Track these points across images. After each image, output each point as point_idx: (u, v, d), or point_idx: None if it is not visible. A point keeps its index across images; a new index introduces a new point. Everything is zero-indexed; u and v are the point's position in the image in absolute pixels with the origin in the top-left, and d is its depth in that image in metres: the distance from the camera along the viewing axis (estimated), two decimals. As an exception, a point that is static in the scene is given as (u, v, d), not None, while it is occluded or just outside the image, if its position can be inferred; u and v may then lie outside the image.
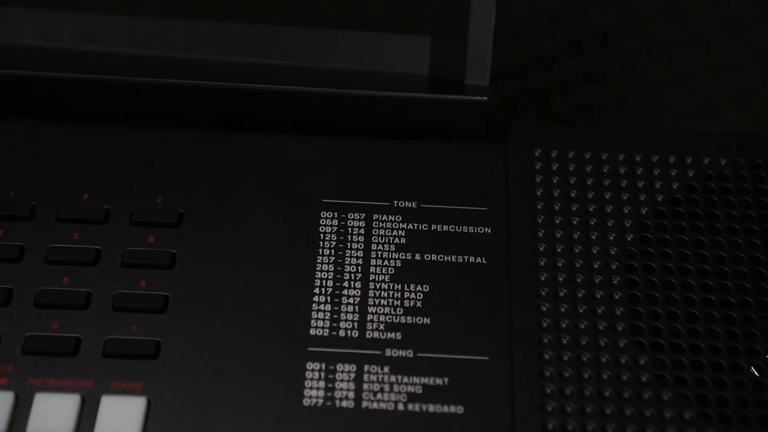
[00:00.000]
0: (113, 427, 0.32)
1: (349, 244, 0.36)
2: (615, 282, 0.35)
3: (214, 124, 0.38)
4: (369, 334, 0.34)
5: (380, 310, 0.34)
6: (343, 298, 0.34)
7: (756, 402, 0.32)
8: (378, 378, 0.33)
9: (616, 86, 0.53)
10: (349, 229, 0.36)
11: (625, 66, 0.53)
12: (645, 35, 0.52)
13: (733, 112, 0.52)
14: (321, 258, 0.35)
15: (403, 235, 0.36)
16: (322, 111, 0.38)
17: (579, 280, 0.35)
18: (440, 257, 0.35)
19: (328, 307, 0.34)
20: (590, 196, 0.37)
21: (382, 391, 0.33)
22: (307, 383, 0.33)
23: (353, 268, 0.35)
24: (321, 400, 0.32)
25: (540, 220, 0.36)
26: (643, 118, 0.53)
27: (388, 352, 0.33)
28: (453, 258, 0.35)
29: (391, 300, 0.35)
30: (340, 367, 0.33)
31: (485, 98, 0.37)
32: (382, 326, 0.34)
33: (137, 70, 0.37)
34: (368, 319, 0.34)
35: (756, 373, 0.33)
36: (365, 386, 0.33)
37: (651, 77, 0.52)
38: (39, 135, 0.38)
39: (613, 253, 0.35)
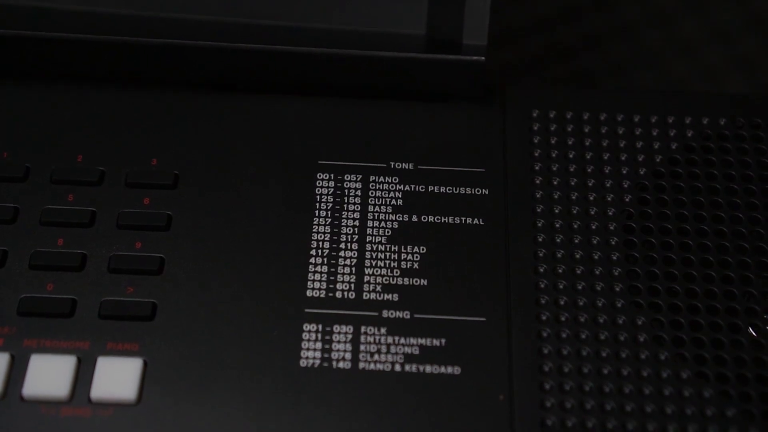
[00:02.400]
0: (110, 388, 0.32)
1: (345, 205, 0.36)
2: (613, 243, 0.35)
3: (210, 85, 0.38)
4: (366, 295, 0.34)
5: (377, 271, 0.34)
6: (340, 260, 0.34)
7: (754, 361, 0.32)
8: (375, 339, 0.33)
9: (615, 52, 0.52)
10: (346, 190, 0.36)
11: (623, 31, 0.52)
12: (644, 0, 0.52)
13: (732, 77, 0.52)
14: (317, 219, 0.35)
15: (400, 196, 0.36)
16: (318, 71, 0.37)
17: (576, 241, 0.35)
18: (437, 218, 0.35)
19: (325, 268, 0.34)
20: (588, 156, 0.36)
21: (379, 352, 0.33)
22: (304, 344, 0.33)
23: (350, 230, 0.35)
24: (318, 361, 0.32)
25: (538, 181, 0.36)
26: (642, 83, 0.52)
27: (385, 314, 0.33)
28: (450, 219, 0.35)
29: (388, 261, 0.34)
30: (336, 328, 0.33)
31: (483, 58, 0.37)
32: (379, 288, 0.34)
33: (132, 30, 0.37)
34: (365, 280, 0.34)
35: (753, 332, 0.33)
36: (362, 347, 0.33)
37: (650, 42, 0.52)
38: (33, 96, 0.37)
39: (611, 214, 0.35)
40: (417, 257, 0.34)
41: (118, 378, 0.32)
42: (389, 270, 0.34)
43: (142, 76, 0.38)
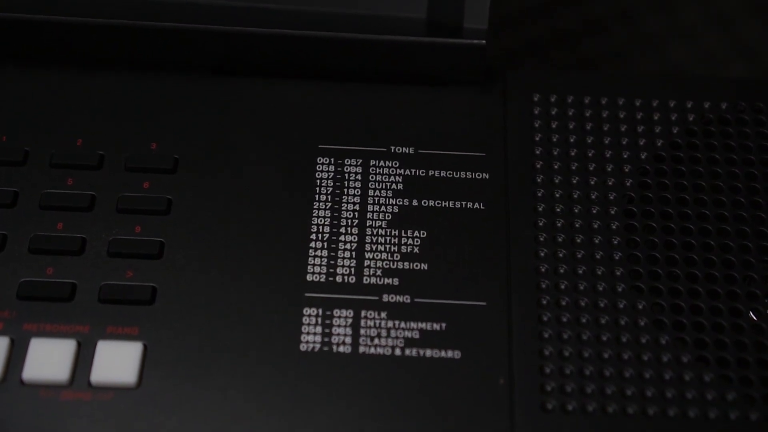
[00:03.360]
0: (110, 372, 0.32)
1: (345, 189, 0.35)
2: (614, 227, 0.34)
3: (210, 69, 0.38)
4: (366, 279, 0.34)
5: (377, 255, 0.34)
6: (340, 244, 0.34)
7: (754, 345, 0.32)
8: (375, 323, 0.33)
9: (616, 37, 0.52)
10: (346, 174, 0.36)
11: (625, 16, 0.52)
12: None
13: (734, 63, 0.52)
14: (317, 204, 0.35)
15: (401, 180, 0.36)
16: (318, 55, 0.37)
17: (577, 225, 0.34)
18: (438, 203, 0.35)
19: (325, 252, 0.34)
20: (589, 141, 0.36)
21: (379, 336, 0.33)
22: (304, 328, 0.33)
23: (350, 214, 0.35)
24: (318, 345, 0.32)
25: (538, 166, 0.36)
26: (642, 68, 0.52)
27: (385, 298, 0.33)
28: (450, 204, 0.35)
29: (388, 246, 0.34)
30: (337, 312, 0.33)
31: (483, 42, 0.36)
32: (379, 272, 0.34)
33: (132, 13, 0.37)
34: (365, 264, 0.34)
35: (754, 317, 0.33)
36: (362, 331, 0.33)
37: (651, 27, 0.52)
38: (32, 80, 0.37)
39: (612, 198, 0.35)
40: (417, 241, 0.34)
41: (118, 362, 0.32)
42: (389, 254, 0.34)
43: (142, 60, 0.37)
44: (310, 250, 0.34)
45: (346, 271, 0.34)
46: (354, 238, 0.34)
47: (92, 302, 0.33)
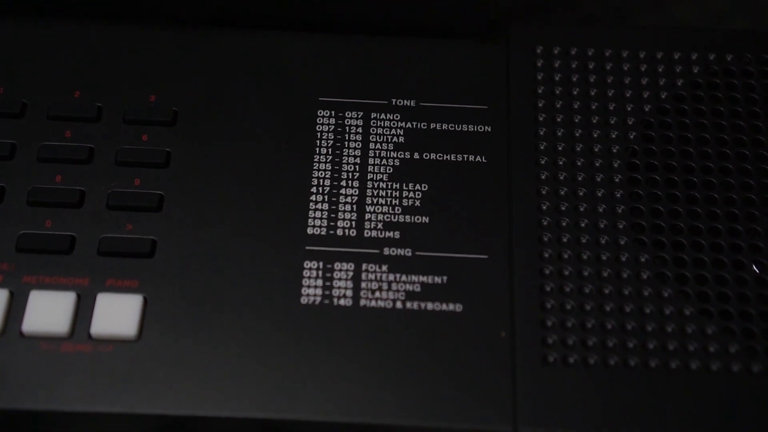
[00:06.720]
0: (110, 324, 0.31)
1: (346, 143, 0.35)
2: (616, 180, 0.34)
3: (209, 20, 0.37)
4: (367, 233, 0.33)
5: (378, 209, 0.34)
6: (341, 197, 0.34)
7: (757, 298, 0.32)
8: (376, 276, 0.33)
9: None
10: (347, 127, 0.35)
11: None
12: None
13: (739, 21, 0.51)
14: (318, 157, 0.35)
15: (402, 133, 0.35)
16: (319, 6, 0.37)
17: (580, 179, 0.34)
18: (439, 156, 0.35)
19: (326, 206, 0.34)
20: (592, 93, 0.36)
21: (380, 289, 0.32)
22: (305, 282, 0.32)
23: (351, 167, 0.35)
24: (319, 299, 0.32)
25: (541, 118, 0.35)
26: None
27: (386, 251, 0.33)
28: (452, 157, 0.35)
29: (389, 199, 0.34)
30: (338, 266, 0.33)
31: (486, -8, 0.36)
32: (380, 225, 0.34)
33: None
34: (366, 218, 0.34)
35: (757, 270, 0.33)
36: (363, 285, 0.32)
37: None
38: (30, 32, 0.37)
39: (615, 151, 0.35)
40: (419, 195, 0.34)
41: (118, 314, 0.32)
42: (391, 207, 0.34)
43: (141, 11, 0.37)
44: (311, 203, 0.34)
45: (346, 224, 0.34)
46: (355, 192, 0.34)
47: (92, 255, 0.33)
